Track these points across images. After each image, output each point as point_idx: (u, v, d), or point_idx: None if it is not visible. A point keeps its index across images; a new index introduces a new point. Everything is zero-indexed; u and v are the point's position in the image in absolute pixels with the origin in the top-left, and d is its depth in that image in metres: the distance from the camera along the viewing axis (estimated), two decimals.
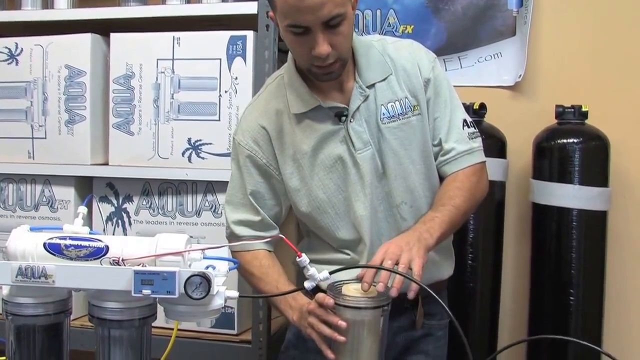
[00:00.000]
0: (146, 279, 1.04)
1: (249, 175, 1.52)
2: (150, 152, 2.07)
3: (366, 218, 1.47)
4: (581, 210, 2.14)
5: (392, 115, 1.45)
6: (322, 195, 1.49)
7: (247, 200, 1.53)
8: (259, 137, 1.50)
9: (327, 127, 1.46)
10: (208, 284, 1.05)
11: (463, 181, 1.48)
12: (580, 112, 2.18)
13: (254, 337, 2.03)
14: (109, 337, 1.11)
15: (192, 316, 1.11)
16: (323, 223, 1.51)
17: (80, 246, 1.09)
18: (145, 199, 2.10)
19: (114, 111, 2.09)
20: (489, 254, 2.25)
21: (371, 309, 1.23)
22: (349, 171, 1.46)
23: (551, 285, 2.19)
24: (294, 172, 1.49)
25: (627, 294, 2.30)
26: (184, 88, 2.03)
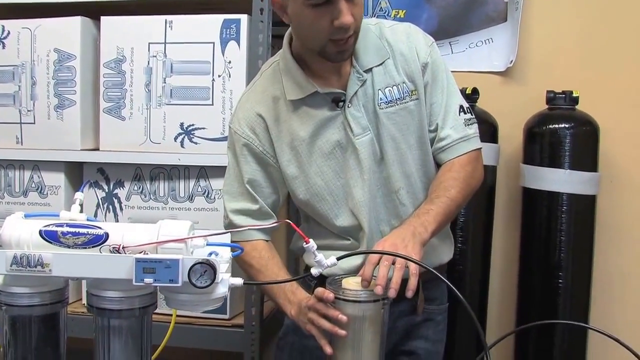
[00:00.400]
0: (148, 267, 0.98)
1: (245, 163, 1.47)
2: (142, 137, 1.99)
3: (364, 204, 1.42)
4: (571, 194, 2.12)
5: (389, 100, 1.41)
6: (320, 182, 1.44)
7: (245, 189, 1.48)
8: (256, 125, 1.45)
9: (324, 113, 1.41)
10: (213, 271, 0.99)
11: (459, 171, 1.44)
12: (571, 97, 2.15)
13: (247, 321, 1.97)
14: (109, 327, 1.04)
15: (194, 305, 1.04)
16: (321, 210, 1.47)
17: (78, 233, 1.02)
18: (136, 185, 2.03)
19: (105, 96, 2.01)
20: (479, 237, 2.22)
21: (372, 302, 1.19)
22: (348, 157, 1.42)
23: (540, 268, 2.17)
24: (292, 160, 1.45)
25: (613, 277, 2.29)
26: (177, 72, 1.95)
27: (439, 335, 1.61)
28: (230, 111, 1.92)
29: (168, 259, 0.98)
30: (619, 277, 2.29)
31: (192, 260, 0.99)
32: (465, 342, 2.19)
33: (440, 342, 1.62)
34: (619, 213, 2.28)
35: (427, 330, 1.57)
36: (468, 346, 2.20)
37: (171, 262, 0.98)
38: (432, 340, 1.58)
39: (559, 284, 2.13)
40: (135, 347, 1.06)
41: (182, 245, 1.01)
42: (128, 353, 1.05)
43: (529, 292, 2.21)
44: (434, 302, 1.58)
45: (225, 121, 1.93)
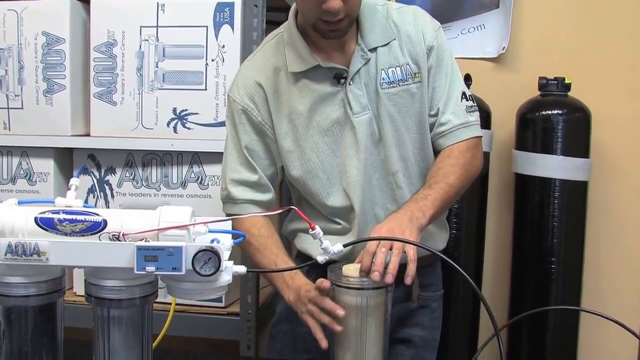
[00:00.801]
0: (150, 255, 0.92)
1: (244, 132, 1.42)
2: (134, 123, 1.92)
3: (358, 184, 1.38)
4: (563, 180, 2.10)
5: (392, 81, 1.37)
6: (314, 158, 1.39)
7: (243, 157, 1.43)
8: (255, 94, 1.41)
9: (325, 88, 1.36)
10: (218, 259, 0.93)
11: (457, 157, 1.40)
12: (563, 84, 2.13)
13: (242, 309, 1.92)
14: (108, 317, 0.98)
15: (197, 294, 0.98)
16: (313, 188, 1.42)
17: (75, 220, 0.95)
18: (128, 171, 1.96)
19: (95, 80, 1.93)
20: (473, 223, 2.20)
21: (373, 289, 1.14)
22: (345, 135, 1.38)
23: (533, 254, 2.16)
24: (288, 133, 1.40)
25: (604, 263, 2.27)
26: (169, 56, 1.88)
27: (435, 323, 1.57)
28: (223, 96, 1.86)
29: (171, 247, 0.92)
30: (609, 262, 2.27)
31: (195, 248, 0.93)
32: (459, 329, 2.16)
33: (436, 330, 1.58)
34: (609, 199, 2.26)
35: (423, 317, 1.53)
36: (461, 333, 2.18)
37: (174, 250, 0.92)
38: (427, 327, 1.54)
39: (552, 269, 2.11)
40: (136, 337, 1.00)
41: (184, 232, 0.95)
42: (129, 344, 1.00)
43: (522, 277, 2.19)
44: (429, 289, 1.54)
45: (219, 106, 1.87)
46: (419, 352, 1.52)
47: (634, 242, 2.26)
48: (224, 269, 0.97)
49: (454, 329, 2.13)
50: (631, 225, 2.26)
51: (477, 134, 1.44)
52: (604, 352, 2.27)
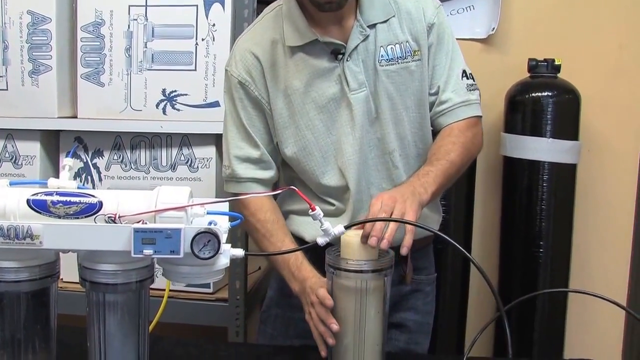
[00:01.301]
0: (147, 237, 0.88)
1: (242, 108, 1.38)
2: (122, 104, 1.87)
3: (354, 162, 1.34)
4: (552, 163, 2.08)
5: (391, 58, 1.33)
6: (309, 135, 1.35)
7: (245, 133, 1.39)
8: (252, 67, 1.36)
9: (322, 63, 1.32)
10: (217, 242, 0.90)
11: (458, 136, 1.37)
12: (553, 65, 2.10)
13: (231, 295, 1.88)
14: (104, 303, 0.95)
15: (195, 277, 0.95)
16: (308, 167, 1.38)
17: (69, 202, 0.91)
18: (116, 154, 1.91)
19: (83, 61, 1.87)
20: (461, 207, 2.17)
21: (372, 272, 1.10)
22: (341, 112, 1.34)
23: (521, 237, 2.14)
24: (284, 108, 1.36)
25: (592, 245, 2.26)
26: (158, 36, 1.82)
27: (428, 307, 1.55)
28: (213, 76, 1.81)
29: (169, 229, 0.88)
30: (597, 245, 2.27)
31: (194, 230, 0.90)
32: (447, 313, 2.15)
33: (430, 314, 1.55)
34: (597, 182, 2.25)
35: (417, 301, 1.50)
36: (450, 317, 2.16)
37: (172, 232, 0.89)
38: (421, 311, 1.52)
39: (540, 252, 2.10)
40: (132, 323, 0.97)
41: (182, 214, 0.92)
42: (125, 330, 0.96)
43: (510, 261, 2.17)
44: (422, 272, 1.51)
45: (209, 87, 1.82)
46: (413, 336, 1.50)
47: (622, 224, 2.26)
48: (222, 252, 0.94)
49: (442, 313, 2.12)
50: (619, 207, 2.25)
51: (477, 113, 1.42)
52: (591, 329, 2.28)
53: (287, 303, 1.45)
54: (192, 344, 1.32)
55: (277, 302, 1.50)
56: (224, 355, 1.26)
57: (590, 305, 2.25)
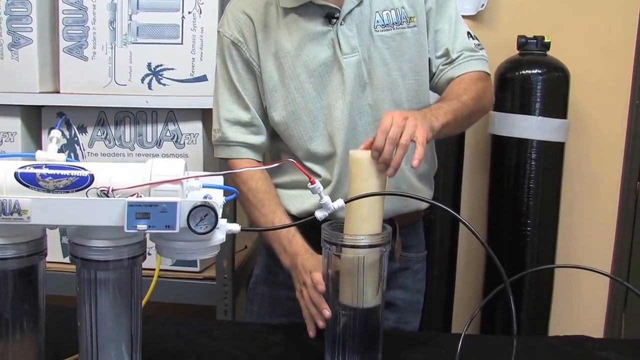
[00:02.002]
0: (142, 211, 0.83)
1: (234, 69, 1.35)
2: (106, 79, 1.81)
3: (343, 127, 1.31)
4: (541, 141, 2.07)
5: (386, 23, 1.30)
6: (299, 99, 1.32)
7: (236, 95, 1.36)
8: (244, 27, 1.33)
9: (315, 27, 1.29)
10: (215, 216, 0.86)
11: (469, 84, 1.33)
12: (542, 42, 2.08)
13: (218, 273, 1.85)
14: (95, 280, 0.90)
15: (190, 253, 0.90)
16: (296, 132, 1.34)
17: (59, 176, 0.86)
18: (100, 130, 1.85)
19: (65, 34, 1.80)
20: (449, 185, 2.15)
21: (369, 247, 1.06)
22: (332, 77, 1.31)
23: (508, 215, 2.13)
24: (274, 71, 1.33)
25: (578, 222, 2.26)
26: (143, 8, 1.76)
27: (418, 285, 1.52)
28: (200, 50, 1.76)
29: (164, 202, 0.84)
30: (582, 222, 2.27)
31: (190, 204, 0.85)
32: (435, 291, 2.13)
33: (420, 292, 1.53)
34: (583, 160, 2.24)
35: (406, 279, 1.47)
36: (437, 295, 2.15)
37: (168, 206, 0.84)
38: (411, 290, 1.49)
39: (527, 230, 2.09)
40: (124, 301, 0.92)
41: (178, 187, 0.87)
42: (117, 308, 0.92)
43: (497, 238, 2.16)
44: (411, 250, 1.48)
45: (196, 61, 1.77)
46: (403, 315, 1.47)
47: (607, 202, 2.26)
48: (219, 227, 0.90)
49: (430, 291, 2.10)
50: (605, 185, 2.25)
51: (487, 69, 1.39)
52: (576, 303, 2.29)
53: (273, 281, 1.43)
54: (183, 324, 1.28)
55: (264, 279, 1.47)
56: (218, 334, 1.22)
57: (576, 281, 2.26)
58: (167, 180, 0.86)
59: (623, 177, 2.25)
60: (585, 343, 1.26)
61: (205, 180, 0.96)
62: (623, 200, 2.25)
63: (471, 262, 2.28)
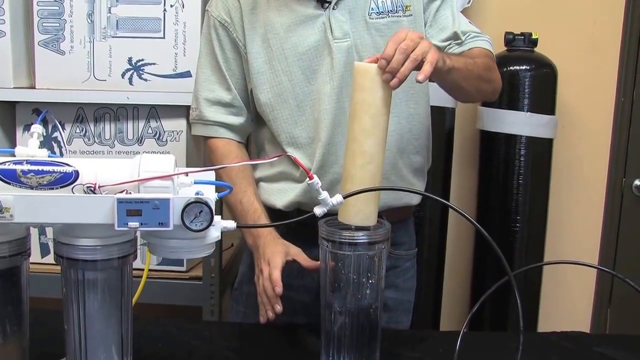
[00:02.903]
0: (133, 208, 0.81)
1: (220, 49, 1.34)
2: (85, 74, 1.76)
3: (329, 112, 1.29)
4: (529, 137, 2.07)
5: (381, 11, 1.30)
6: (286, 82, 1.31)
7: (218, 75, 1.36)
8: (232, 8, 1.33)
9: (306, 10, 1.29)
10: (210, 212, 0.83)
11: (478, 55, 1.31)
12: (530, 39, 2.08)
13: (205, 273, 1.81)
14: (83, 281, 0.87)
15: (185, 252, 0.88)
16: (280, 114, 1.33)
17: (42, 172, 0.83)
18: (79, 127, 1.80)
19: (40, 27, 1.75)
20: (438, 181, 2.14)
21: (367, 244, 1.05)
22: (321, 61, 1.29)
23: (497, 212, 2.13)
24: (261, 52, 1.31)
25: (566, 219, 2.27)
26: (123, 1, 1.72)
27: (409, 283, 1.50)
28: (183, 45, 1.73)
29: (157, 199, 0.81)
30: (570, 218, 2.28)
31: (183, 200, 0.83)
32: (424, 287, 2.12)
33: (410, 291, 1.51)
34: (571, 157, 2.25)
35: (396, 278, 1.45)
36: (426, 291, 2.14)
37: (160, 202, 0.81)
38: (401, 288, 1.47)
39: (516, 227, 2.09)
40: (114, 303, 0.89)
41: (168, 183, 0.84)
42: (106, 310, 0.89)
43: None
44: (401, 247, 1.46)
45: (178, 56, 1.73)
46: (393, 315, 1.45)
47: (594, 198, 2.27)
48: (214, 224, 0.87)
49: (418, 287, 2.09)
50: (592, 181, 2.26)
51: (492, 50, 1.38)
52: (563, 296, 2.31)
53: None
54: (172, 324, 1.25)
55: (249, 278, 1.43)
56: (208, 335, 1.20)
57: (563, 276, 2.28)
58: (158, 177, 0.83)
59: (609, 173, 2.26)
60: (581, 339, 1.27)
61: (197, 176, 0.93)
62: (609, 195, 2.27)
63: (459, 259, 2.27)
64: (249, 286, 1.43)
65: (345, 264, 1.05)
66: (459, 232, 2.27)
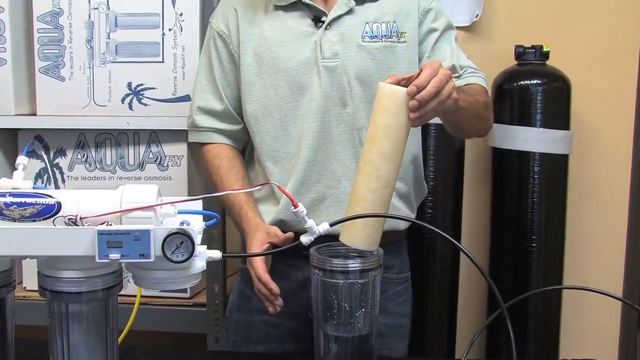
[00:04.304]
0: (113, 240, 0.83)
1: (217, 59, 1.42)
2: (85, 100, 1.80)
3: (313, 131, 1.34)
4: (544, 154, 2.06)
5: (375, 35, 1.35)
6: (273, 95, 1.37)
7: (213, 85, 1.43)
8: (231, 21, 1.41)
9: (301, 27, 1.36)
10: (191, 243, 0.85)
11: (477, 93, 1.35)
12: (541, 52, 2.08)
13: (209, 299, 1.84)
14: (67, 313, 0.89)
15: (170, 283, 0.90)
16: (264, 127, 1.38)
17: (24, 204, 0.86)
18: (80, 153, 1.84)
19: (40, 53, 1.80)
20: (449, 201, 2.14)
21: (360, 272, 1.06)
22: (309, 79, 1.34)
23: (512, 232, 2.11)
24: (252, 64, 1.38)
25: (585, 239, 2.25)
26: (122, 26, 1.77)
27: (401, 308, 1.49)
28: (182, 69, 1.76)
29: (137, 230, 0.83)
30: (591, 238, 2.25)
31: (165, 231, 0.85)
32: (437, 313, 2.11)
33: (403, 316, 1.50)
34: (590, 173, 2.24)
35: (386, 302, 1.43)
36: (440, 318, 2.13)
37: (141, 234, 0.83)
38: (392, 314, 1.46)
39: (532, 247, 2.08)
40: (99, 335, 0.91)
41: (151, 214, 0.87)
42: (91, 342, 0.91)
43: (501, 256, 2.15)
44: (390, 271, 1.46)
45: (178, 80, 1.77)
46: (386, 341, 1.44)
47: (616, 216, 2.25)
48: (198, 255, 0.89)
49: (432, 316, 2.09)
50: (613, 198, 2.24)
51: (488, 90, 1.42)
52: (587, 326, 2.27)
53: (247, 306, 1.45)
54: (167, 354, 1.26)
55: (239, 306, 1.48)
56: None
57: (586, 301, 2.24)
58: (139, 208, 0.86)
59: (632, 190, 2.24)
60: None
61: (183, 206, 0.95)
62: (632, 214, 2.24)
63: (474, 279, 2.26)
64: (237, 314, 1.48)
65: (338, 292, 1.06)
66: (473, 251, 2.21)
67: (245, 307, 1.45)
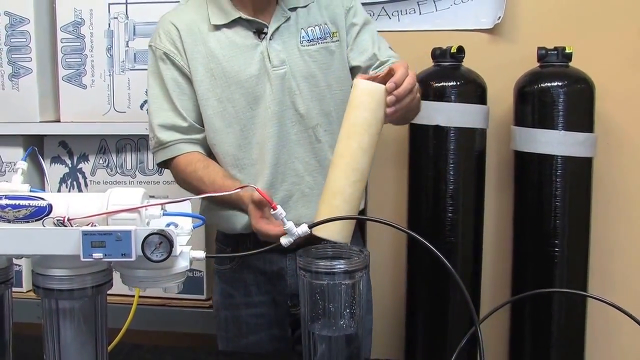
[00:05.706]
0: (96, 240, 0.89)
1: (171, 78, 1.47)
2: (106, 106, 1.90)
3: (272, 136, 1.44)
4: (566, 157, 2.05)
5: (311, 38, 1.48)
6: (230, 108, 1.45)
7: (170, 104, 1.47)
8: (176, 39, 1.47)
9: (245, 41, 1.46)
10: (169, 243, 0.90)
11: None
12: (564, 54, 2.07)
13: None
14: (58, 310, 0.96)
15: (153, 281, 0.96)
16: (226, 139, 1.46)
17: (18, 206, 0.93)
18: (102, 158, 1.94)
19: (64, 62, 1.91)
20: (470, 206, 2.14)
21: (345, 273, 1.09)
22: (262, 88, 1.44)
23: (535, 236, 2.10)
24: (204, 80, 1.46)
25: (612, 245, 2.22)
26: (140, 34, 1.86)
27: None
28: None
29: (118, 231, 0.89)
30: (618, 244, 2.22)
31: (145, 231, 0.91)
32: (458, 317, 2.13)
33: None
34: (617, 176, 2.21)
35: None
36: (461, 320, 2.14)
37: (122, 234, 0.90)
38: None
39: (555, 252, 2.06)
40: (89, 331, 0.98)
41: (135, 216, 0.93)
42: (81, 338, 0.97)
43: (523, 261, 2.14)
44: None
45: None
46: None
47: None
48: (180, 254, 0.95)
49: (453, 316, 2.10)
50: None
51: None
52: (613, 340, 2.24)
53: (231, 303, 1.54)
54: (170, 352, 1.33)
55: (223, 304, 1.57)
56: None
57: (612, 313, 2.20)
58: (123, 210, 0.92)
59: None
60: None
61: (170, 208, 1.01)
62: None
63: (498, 283, 2.26)
64: (224, 311, 1.57)
65: (324, 293, 1.10)
66: (495, 256, 2.26)
67: (230, 304, 1.54)
